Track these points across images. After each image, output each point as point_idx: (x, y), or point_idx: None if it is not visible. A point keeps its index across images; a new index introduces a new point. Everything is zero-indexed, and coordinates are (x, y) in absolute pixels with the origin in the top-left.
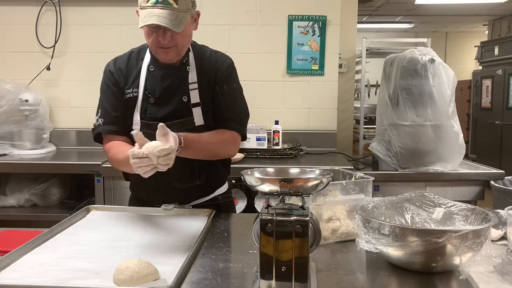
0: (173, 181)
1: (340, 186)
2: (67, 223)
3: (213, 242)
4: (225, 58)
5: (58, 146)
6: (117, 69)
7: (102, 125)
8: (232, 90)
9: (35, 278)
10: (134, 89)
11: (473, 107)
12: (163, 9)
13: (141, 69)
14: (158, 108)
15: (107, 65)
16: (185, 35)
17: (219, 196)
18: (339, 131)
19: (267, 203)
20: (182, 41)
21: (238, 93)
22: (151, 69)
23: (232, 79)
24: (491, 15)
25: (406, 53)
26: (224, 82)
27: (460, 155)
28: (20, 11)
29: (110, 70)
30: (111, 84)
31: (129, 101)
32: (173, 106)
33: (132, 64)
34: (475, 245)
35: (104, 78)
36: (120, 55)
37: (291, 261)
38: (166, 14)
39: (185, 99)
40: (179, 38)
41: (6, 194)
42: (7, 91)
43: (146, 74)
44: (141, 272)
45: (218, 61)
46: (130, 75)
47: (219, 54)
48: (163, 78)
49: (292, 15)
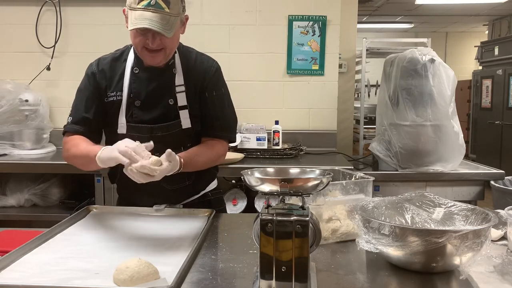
0: (162, 183)
1: (340, 186)
2: (67, 223)
3: (213, 242)
4: (211, 62)
5: (58, 146)
6: (100, 70)
7: (69, 124)
8: (221, 96)
9: (35, 278)
10: (118, 92)
11: (473, 107)
12: (155, 12)
13: (125, 71)
14: (144, 111)
15: (89, 66)
16: (174, 39)
17: (209, 192)
18: (339, 131)
19: (267, 203)
20: (171, 45)
21: (226, 99)
22: (136, 71)
23: (220, 85)
24: (491, 15)
25: (406, 53)
26: (213, 88)
27: (460, 155)
28: (20, 11)
29: (92, 72)
30: (90, 86)
31: (112, 104)
32: (160, 109)
33: (116, 66)
34: (475, 245)
35: (84, 79)
36: (104, 56)
37: (291, 261)
38: (158, 18)
39: (172, 102)
40: (168, 41)
41: (6, 194)
42: (7, 91)
43: (130, 77)
44: (141, 272)
45: (205, 65)
46: (114, 77)
47: (205, 57)
48: (148, 80)
49: (292, 15)
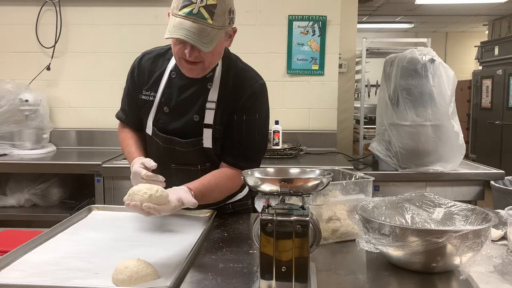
0: None
1: (340, 186)
2: (68, 222)
3: (213, 242)
4: (253, 82)
5: (58, 146)
6: (140, 67)
7: (119, 110)
8: (252, 121)
9: (35, 277)
10: (152, 93)
11: (473, 107)
12: (195, 22)
13: (165, 72)
14: (169, 120)
15: (135, 60)
16: (215, 53)
17: (229, 204)
18: (339, 131)
19: (267, 203)
20: (211, 58)
21: (258, 126)
22: (173, 76)
23: (255, 109)
24: (491, 15)
25: (406, 53)
26: (245, 112)
27: (460, 155)
28: (20, 11)
29: (133, 67)
30: (129, 80)
31: (145, 103)
32: (183, 122)
33: (158, 63)
34: (475, 245)
35: (129, 71)
36: (150, 50)
37: (291, 261)
38: (197, 29)
39: (197, 118)
40: (208, 55)
41: (6, 194)
42: (7, 91)
43: (167, 80)
44: (140, 272)
45: (245, 85)
46: (152, 75)
47: (249, 75)
48: (181, 89)
49: (292, 15)
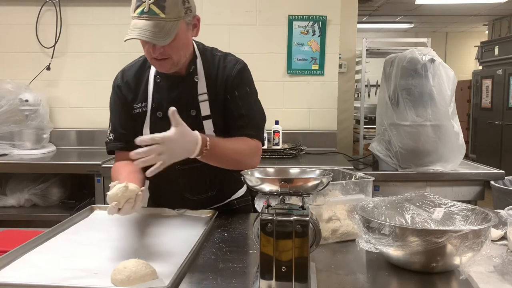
0: (185, 193)
1: (340, 186)
2: (69, 222)
3: (213, 242)
4: (234, 62)
5: (58, 146)
6: (125, 82)
7: (112, 141)
8: (245, 95)
9: (35, 277)
10: (143, 103)
11: (473, 107)
12: (148, 20)
13: (149, 80)
14: (166, 123)
15: (115, 79)
16: (180, 46)
17: (234, 201)
18: (339, 131)
19: (267, 203)
20: (177, 52)
21: (252, 97)
22: (158, 80)
23: (244, 84)
24: (491, 15)
25: (406, 53)
26: (235, 88)
27: (460, 155)
28: (20, 11)
29: (118, 85)
30: (118, 100)
31: (138, 116)
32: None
33: (141, 75)
34: (475, 245)
35: (112, 94)
36: (127, 66)
37: (291, 261)
38: (150, 26)
39: (194, 112)
40: (172, 49)
41: (6, 194)
42: (7, 91)
43: (154, 86)
44: (138, 272)
45: (228, 68)
46: (139, 87)
47: (229, 59)
48: (169, 90)
49: (292, 15)
